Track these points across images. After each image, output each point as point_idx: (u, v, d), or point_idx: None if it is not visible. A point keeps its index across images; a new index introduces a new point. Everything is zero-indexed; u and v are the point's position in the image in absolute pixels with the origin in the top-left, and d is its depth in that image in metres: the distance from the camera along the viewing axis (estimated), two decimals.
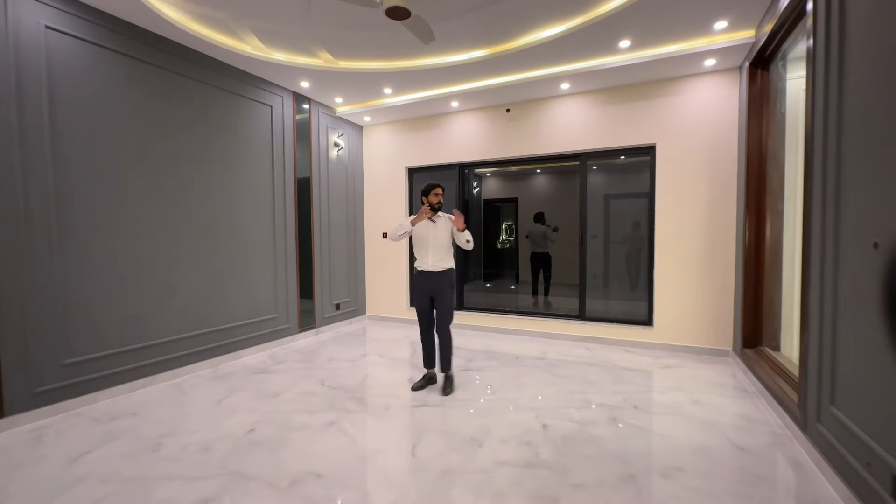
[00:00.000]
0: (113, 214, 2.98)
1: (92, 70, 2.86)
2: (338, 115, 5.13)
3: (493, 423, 2.54)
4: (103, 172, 2.92)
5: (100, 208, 2.90)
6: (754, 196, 3.43)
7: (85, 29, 2.81)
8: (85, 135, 2.82)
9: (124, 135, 3.04)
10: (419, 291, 3.11)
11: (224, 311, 3.77)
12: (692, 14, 3.04)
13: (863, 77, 1.73)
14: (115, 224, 2.99)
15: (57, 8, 2.68)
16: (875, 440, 1.59)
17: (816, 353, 2.09)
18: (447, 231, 3.11)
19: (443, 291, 3.06)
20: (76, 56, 2.78)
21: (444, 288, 3.06)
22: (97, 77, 2.88)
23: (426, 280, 3.08)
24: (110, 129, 2.96)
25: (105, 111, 2.93)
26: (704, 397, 2.95)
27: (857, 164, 1.75)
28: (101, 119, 2.90)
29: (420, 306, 3.12)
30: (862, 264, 1.70)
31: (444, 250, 3.10)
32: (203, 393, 3.08)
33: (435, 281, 3.06)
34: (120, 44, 3.00)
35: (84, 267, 2.82)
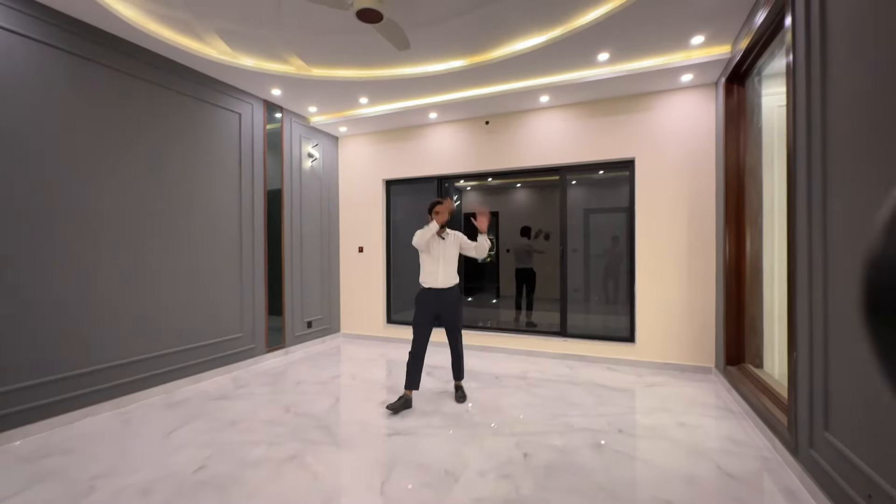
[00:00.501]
0: (49, 224, 2.70)
1: (33, 69, 2.61)
2: (312, 125, 4.95)
3: (470, 453, 2.35)
4: (44, 180, 2.65)
5: (35, 216, 2.63)
6: (733, 211, 3.41)
7: (23, 23, 2.58)
8: (21, 139, 2.56)
9: (70, 140, 2.78)
10: (425, 308, 3.06)
11: (182, 330, 3.48)
12: (669, 28, 3.03)
13: (846, 92, 1.68)
14: (51, 235, 2.71)
15: None
16: (877, 471, 1.48)
17: (807, 375, 2.00)
18: (456, 247, 3.17)
19: (454, 306, 3.10)
20: (10, 52, 2.54)
21: (454, 302, 3.10)
22: (39, 77, 2.64)
23: (435, 297, 3.06)
24: (51, 133, 2.70)
25: (44, 113, 2.67)
26: (690, 418, 2.83)
27: (844, 180, 1.69)
28: (39, 122, 2.64)
29: (422, 324, 3.05)
30: (855, 282, 1.62)
31: (454, 266, 3.14)
32: (151, 424, 2.78)
33: (445, 297, 3.07)
34: (65, 41, 2.76)
35: (20, 282, 2.53)
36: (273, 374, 3.90)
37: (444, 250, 3.10)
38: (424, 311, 3.07)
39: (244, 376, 3.82)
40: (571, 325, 4.47)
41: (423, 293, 3.10)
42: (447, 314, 3.09)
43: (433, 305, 3.06)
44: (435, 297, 3.06)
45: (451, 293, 3.10)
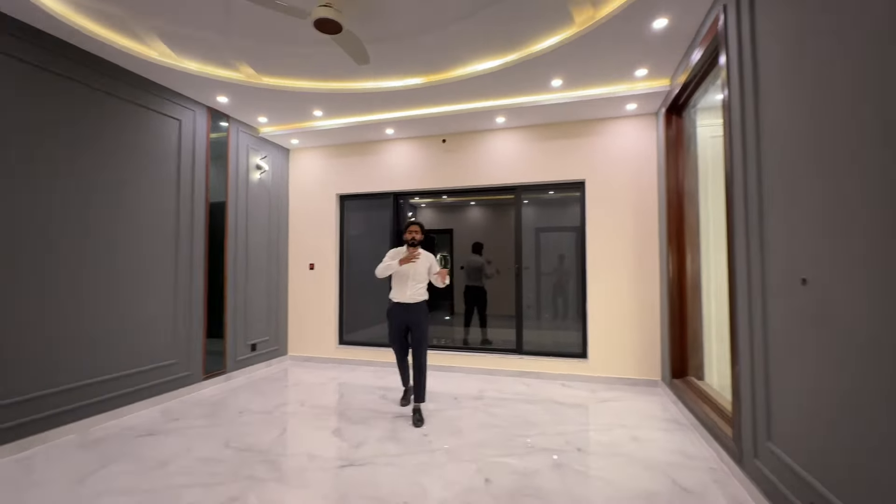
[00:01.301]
0: None
1: None
2: (261, 136, 4.72)
3: (430, 483, 2.24)
4: None
5: None
6: (674, 232, 3.63)
7: None
8: None
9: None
10: (395, 322, 3.27)
11: (103, 358, 3.08)
12: (615, 60, 3.21)
13: (777, 125, 1.84)
14: None
15: None
16: (818, 479, 1.57)
17: (749, 387, 2.11)
18: (426, 266, 3.30)
19: (420, 322, 3.22)
20: None
21: (420, 319, 3.23)
22: None
23: (403, 311, 3.24)
24: None
25: None
26: (643, 433, 2.91)
27: (778, 205, 1.83)
28: None
29: (396, 336, 3.31)
30: (790, 300, 1.74)
31: (423, 284, 3.30)
32: (59, 469, 2.40)
33: (413, 312, 3.23)
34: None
35: None
36: (211, 403, 3.55)
37: (413, 267, 3.24)
38: (395, 324, 3.28)
39: (177, 407, 3.44)
40: (526, 342, 4.50)
41: (393, 307, 3.29)
42: (414, 328, 3.23)
43: (402, 318, 3.25)
44: (403, 311, 3.24)
45: (418, 308, 3.25)
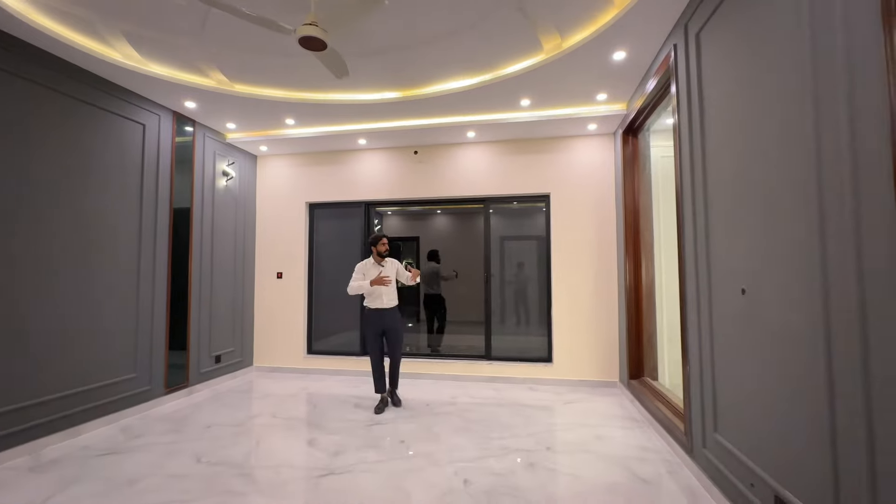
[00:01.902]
0: None
1: None
2: (228, 142, 4.62)
3: (411, 487, 2.31)
4: None
5: None
6: (631, 243, 3.94)
7: None
8: None
9: None
10: (373, 327, 3.60)
11: (59, 374, 2.91)
12: (578, 84, 3.47)
13: (717, 145, 2.10)
14: None
15: None
16: (756, 463, 1.80)
17: (698, 385, 2.36)
18: (394, 273, 3.68)
19: (395, 324, 3.64)
20: None
21: (396, 321, 3.65)
22: None
23: (380, 317, 3.60)
24: None
25: None
26: (605, 431, 3.13)
27: (721, 221, 2.10)
28: None
29: (374, 339, 3.61)
30: (731, 307, 1.99)
31: (394, 290, 3.67)
32: (16, 494, 2.25)
33: (388, 317, 3.62)
34: None
35: None
36: (175, 419, 3.42)
37: (384, 274, 3.61)
38: (372, 328, 3.60)
39: (137, 424, 3.28)
40: (494, 348, 4.67)
41: (370, 313, 3.62)
42: (390, 330, 3.61)
43: (380, 324, 3.59)
44: (379, 317, 3.59)
45: (393, 312, 3.65)
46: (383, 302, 3.58)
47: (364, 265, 3.66)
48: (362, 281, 3.56)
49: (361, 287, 3.53)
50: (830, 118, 1.36)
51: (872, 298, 1.21)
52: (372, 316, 3.60)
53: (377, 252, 3.64)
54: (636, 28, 2.64)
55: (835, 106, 1.34)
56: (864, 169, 1.24)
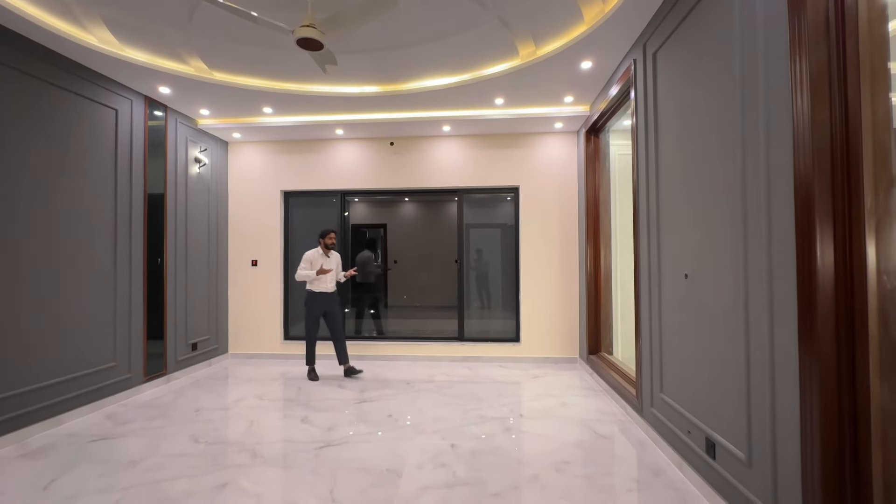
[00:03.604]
0: None
1: None
2: (200, 128, 4.54)
3: (404, 451, 2.59)
4: None
5: None
6: (592, 233, 4.36)
7: None
8: None
9: None
10: (317, 307, 4.13)
11: (37, 364, 2.89)
12: (548, 87, 3.77)
13: (668, 149, 2.48)
14: None
15: None
16: (693, 414, 2.23)
17: (648, 355, 2.79)
18: (336, 265, 4.31)
19: (336, 306, 4.25)
20: None
21: (336, 304, 4.25)
22: None
23: (324, 299, 4.16)
24: None
25: None
26: (569, 399, 3.55)
27: (668, 213, 2.49)
28: None
29: (315, 320, 4.16)
30: (676, 289, 2.40)
31: (336, 277, 4.27)
32: (14, 477, 2.30)
33: (331, 299, 4.20)
34: None
35: None
36: (159, 405, 3.47)
37: (329, 264, 4.20)
38: (316, 310, 4.14)
39: (121, 411, 3.31)
40: (466, 330, 5.00)
41: (314, 296, 4.13)
42: (332, 310, 4.20)
43: (321, 305, 4.14)
44: (323, 299, 4.15)
45: (334, 296, 4.24)
46: (327, 287, 4.14)
47: (312, 255, 4.14)
48: (310, 270, 4.08)
49: (309, 276, 4.06)
50: (753, 136, 1.73)
51: (777, 285, 1.60)
52: (318, 298, 4.12)
53: (325, 244, 4.17)
54: (602, 42, 2.96)
55: (756, 126, 1.70)
56: (774, 179, 1.61)
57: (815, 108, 1.40)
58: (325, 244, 4.18)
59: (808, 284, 1.42)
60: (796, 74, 1.46)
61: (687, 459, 2.28)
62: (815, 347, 1.40)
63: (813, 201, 1.40)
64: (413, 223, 9.39)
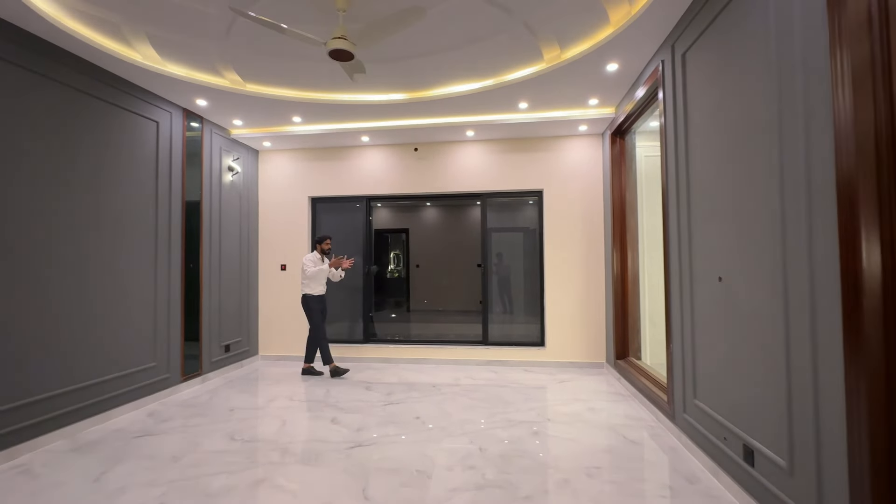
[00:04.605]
0: None
1: None
2: (232, 137, 4.72)
3: (433, 453, 2.61)
4: None
5: None
6: (618, 235, 4.30)
7: None
8: None
9: None
10: (318, 308, 4.46)
11: (86, 364, 3.06)
12: (573, 90, 3.77)
13: (699, 149, 2.44)
14: None
15: None
16: (729, 420, 2.18)
17: (680, 360, 2.74)
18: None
19: (326, 306, 4.60)
20: None
21: (326, 304, 4.59)
22: None
23: (321, 301, 4.52)
24: None
25: None
26: (597, 404, 3.51)
27: (699, 215, 2.44)
28: None
29: (322, 319, 4.49)
30: (710, 292, 2.35)
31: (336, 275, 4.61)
32: (68, 471, 2.44)
33: (325, 300, 4.56)
34: None
35: None
36: (196, 404, 3.61)
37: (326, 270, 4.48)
38: (318, 309, 4.46)
39: (161, 409, 3.46)
40: (491, 334, 4.99)
41: (315, 298, 4.45)
42: (325, 311, 4.55)
43: (322, 305, 4.50)
44: (322, 300, 4.51)
45: (325, 297, 4.57)
46: (323, 289, 4.52)
47: (313, 258, 4.44)
48: (321, 265, 4.41)
49: (322, 270, 4.39)
50: (791, 134, 1.69)
51: (820, 286, 1.56)
52: (316, 300, 4.45)
53: (321, 249, 4.49)
54: (629, 44, 2.94)
55: (794, 124, 1.67)
56: (815, 177, 1.57)
57: (858, 104, 1.37)
58: (321, 249, 4.47)
59: (853, 285, 1.38)
60: (837, 70, 1.43)
61: (723, 467, 2.22)
62: (862, 351, 1.35)
63: (857, 199, 1.36)
64: (435, 228, 9.45)
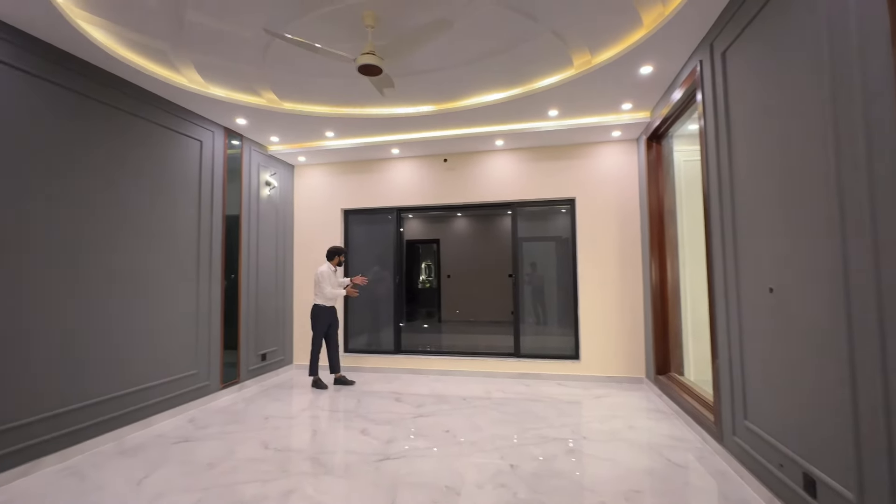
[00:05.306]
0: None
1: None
2: (270, 154, 4.92)
3: (463, 469, 2.54)
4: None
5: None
6: (656, 244, 4.11)
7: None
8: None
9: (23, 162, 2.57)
10: (324, 320, 4.46)
11: (133, 371, 3.22)
12: (605, 96, 3.67)
13: (743, 152, 2.29)
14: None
15: None
16: (785, 445, 1.99)
17: (727, 377, 2.55)
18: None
19: (336, 318, 4.59)
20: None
21: (336, 315, 4.60)
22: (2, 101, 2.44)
23: (330, 312, 4.50)
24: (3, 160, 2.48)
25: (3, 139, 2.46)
26: (637, 422, 3.32)
27: (745, 221, 2.28)
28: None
29: (321, 331, 4.47)
30: (760, 304, 2.18)
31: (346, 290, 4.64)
32: (112, 473, 2.55)
33: (334, 313, 4.55)
34: (35, 65, 2.60)
35: None
36: (232, 411, 3.71)
37: (336, 281, 4.55)
38: (324, 322, 4.45)
39: (201, 416, 3.58)
40: (522, 346, 4.87)
41: (324, 310, 4.45)
42: (334, 322, 4.57)
43: (329, 318, 4.48)
44: (330, 312, 4.50)
45: (335, 308, 4.59)
46: (336, 301, 4.53)
47: (329, 274, 4.44)
48: (339, 289, 4.46)
49: (339, 294, 4.44)
50: (848, 131, 1.55)
51: (889, 295, 1.40)
52: (327, 312, 4.45)
53: (336, 262, 4.53)
54: (663, 45, 2.83)
55: (852, 120, 1.53)
56: (880, 177, 1.43)
57: None
58: (336, 262, 4.54)
59: None
60: None
61: (780, 496, 2.03)
62: None
63: None
64: (466, 238, 9.43)
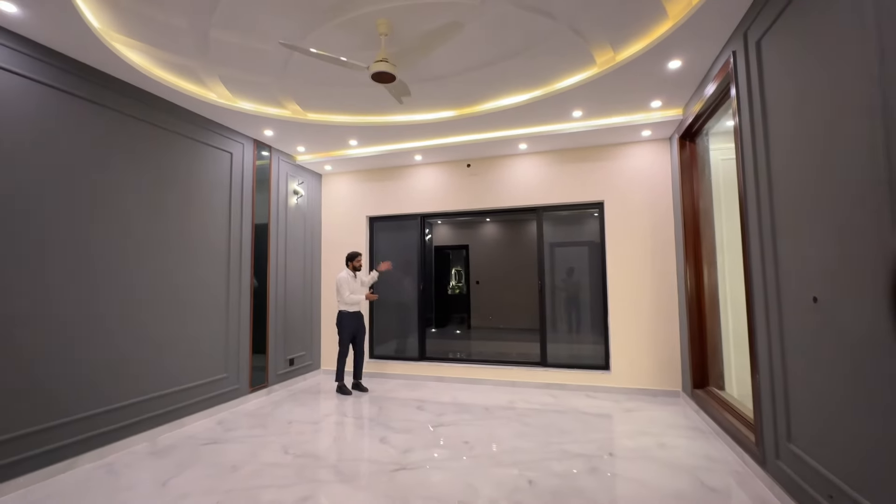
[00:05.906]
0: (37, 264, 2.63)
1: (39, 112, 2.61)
2: (297, 163, 5.06)
3: (479, 483, 2.46)
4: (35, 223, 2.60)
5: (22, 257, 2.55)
6: (691, 248, 3.86)
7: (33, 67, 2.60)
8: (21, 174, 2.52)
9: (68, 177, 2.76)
10: (349, 326, 4.42)
11: (167, 373, 3.37)
12: (632, 94, 3.50)
13: (782, 149, 2.09)
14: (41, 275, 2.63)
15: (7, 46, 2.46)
16: (835, 474, 1.78)
17: (769, 394, 2.33)
18: (362, 282, 4.64)
19: (364, 324, 4.58)
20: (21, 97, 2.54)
21: (363, 320, 4.55)
22: (44, 119, 2.63)
23: (355, 318, 4.47)
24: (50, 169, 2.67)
25: (50, 157, 2.66)
26: (669, 440, 3.11)
27: (789, 225, 2.08)
28: (39, 158, 2.62)
29: (346, 338, 4.45)
30: (804, 315, 1.97)
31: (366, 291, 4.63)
32: (141, 474, 2.66)
33: (360, 318, 4.52)
34: (74, 85, 2.79)
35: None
36: (259, 415, 3.81)
37: (358, 285, 4.54)
38: (349, 328, 4.42)
39: (230, 418, 3.70)
40: (550, 355, 4.71)
41: (348, 316, 4.42)
42: (360, 329, 4.51)
43: (354, 324, 4.45)
44: (356, 318, 4.47)
45: (361, 314, 4.53)
46: (359, 307, 4.49)
47: (347, 280, 4.43)
48: (358, 294, 4.42)
49: (360, 301, 4.43)
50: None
51: None
52: (352, 318, 4.42)
53: (353, 266, 4.49)
54: (692, 38, 2.66)
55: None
56: None
57: None
58: (353, 266, 4.50)
59: None
60: None
61: None
62: None
63: None
64: (495, 243, 9.32)
